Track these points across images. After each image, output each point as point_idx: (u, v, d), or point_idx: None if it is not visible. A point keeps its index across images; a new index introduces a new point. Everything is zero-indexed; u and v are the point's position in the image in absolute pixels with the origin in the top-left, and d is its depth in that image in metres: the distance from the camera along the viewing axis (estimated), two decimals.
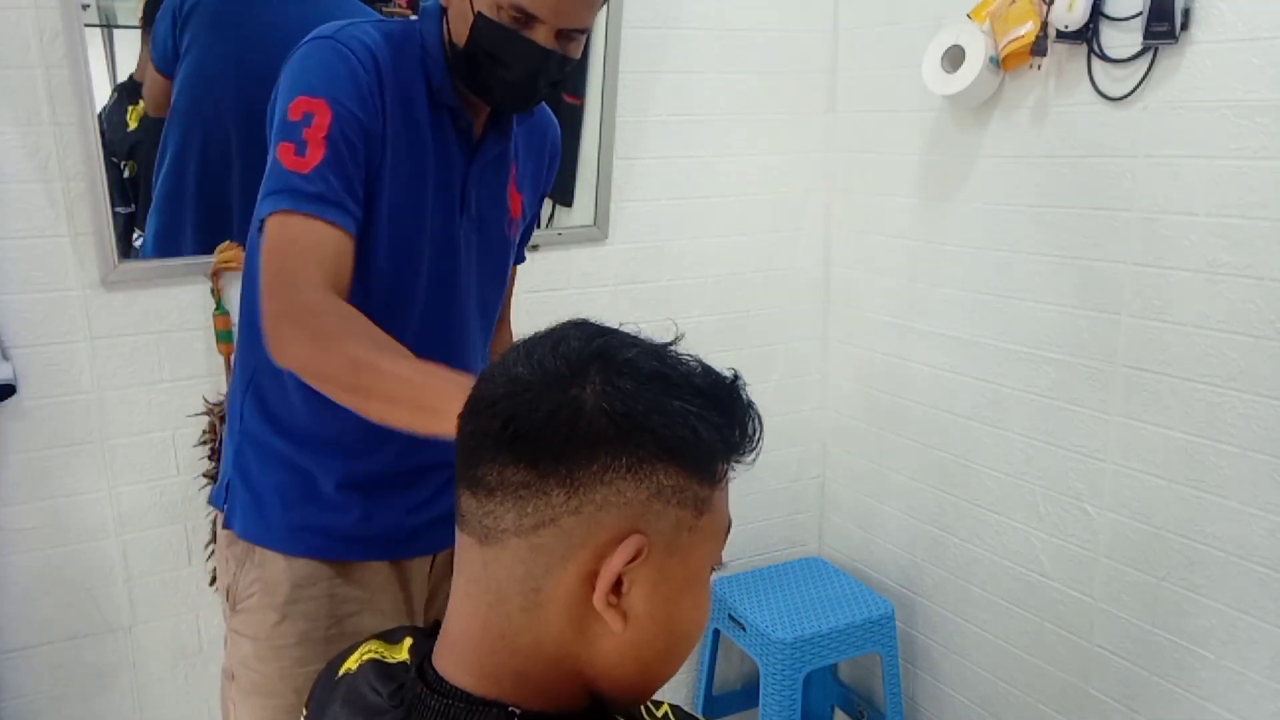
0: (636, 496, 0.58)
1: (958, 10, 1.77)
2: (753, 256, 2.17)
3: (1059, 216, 1.71)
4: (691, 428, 0.59)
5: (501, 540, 0.59)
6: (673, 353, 0.62)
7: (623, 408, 0.58)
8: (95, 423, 1.63)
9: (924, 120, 1.96)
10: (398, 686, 0.65)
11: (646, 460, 0.58)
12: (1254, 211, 1.43)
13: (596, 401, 0.58)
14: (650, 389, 0.59)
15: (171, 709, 1.79)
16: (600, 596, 0.58)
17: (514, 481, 0.58)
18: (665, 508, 0.59)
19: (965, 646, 2.04)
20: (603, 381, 0.58)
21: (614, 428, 0.57)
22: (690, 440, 0.59)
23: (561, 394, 0.58)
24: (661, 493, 0.59)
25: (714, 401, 0.61)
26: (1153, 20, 1.48)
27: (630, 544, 0.57)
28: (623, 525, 0.58)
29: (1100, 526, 1.72)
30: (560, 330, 0.63)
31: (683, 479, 0.59)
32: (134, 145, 1.59)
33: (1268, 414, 1.45)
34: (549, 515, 0.58)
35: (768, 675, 1.99)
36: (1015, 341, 1.82)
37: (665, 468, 0.58)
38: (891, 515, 2.19)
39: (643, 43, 1.93)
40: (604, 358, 0.59)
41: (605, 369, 0.59)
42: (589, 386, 0.58)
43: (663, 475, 0.58)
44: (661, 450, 0.58)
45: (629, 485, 0.58)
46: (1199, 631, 1.58)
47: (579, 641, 0.60)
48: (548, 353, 0.60)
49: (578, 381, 0.58)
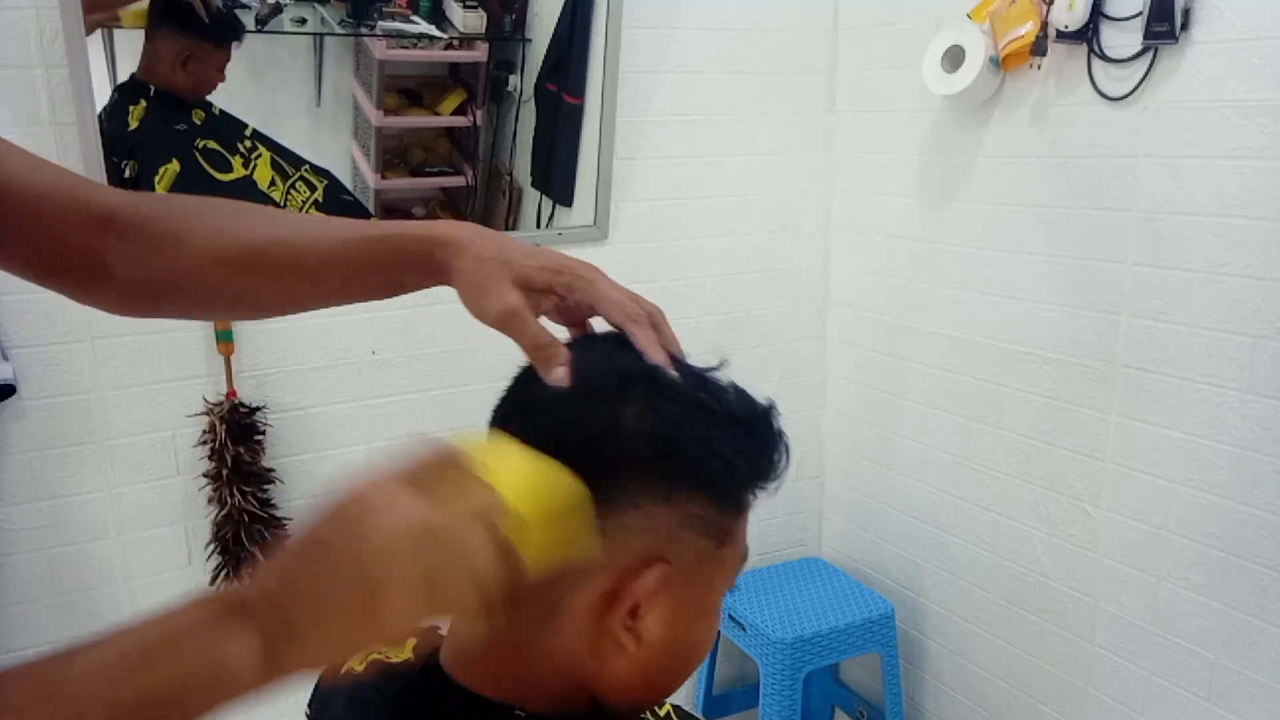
0: (665, 523, 0.58)
1: (958, 10, 1.77)
2: (752, 256, 2.17)
3: (1059, 216, 1.71)
4: (726, 460, 0.59)
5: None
6: (714, 379, 0.62)
7: (663, 434, 0.57)
8: (95, 423, 1.63)
9: (924, 120, 1.96)
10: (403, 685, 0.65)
11: (679, 488, 0.58)
12: (1254, 211, 1.43)
13: (637, 424, 0.57)
14: (691, 416, 0.58)
15: None
16: (618, 619, 0.58)
17: None
18: (691, 536, 0.59)
19: (965, 646, 2.04)
20: (645, 404, 0.58)
21: (652, 453, 0.57)
22: (723, 473, 0.59)
23: (605, 412, 0.58)
24: (689, 522, 0.59)
25: (747, 430, 0.61)
26: (1153, 20, 1.48)
27: (655, 572, 0.57)
28: (648, 549, 0.58)
29: (1100, 526, 1.72)
30: (607, 341, 0.63)
31: (711, 509, 0.59)
32: (135, 145, 1.59)
33: (1268, 414, 1.45)
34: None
35: (768, 675, 1.99)
36: (1015, 341, 1.82)
37: (696, 497, 0.58)
38: (891, 515, 2.19)
39: (643, 43, 1.93)
40: (650, 379, 0.59)
41: (649, 390, 0.58)
42: (631, 406, 0.58)
43: (694, 505, 0.58)
44: (695, 480, 0.58)
45: (660, 511, 0.58)
46: (1199, 631, 1.58)
47: (590, 655, 0.60)
48: (595, 365, 0.60)
49: (621, 400, 0.58)
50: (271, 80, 1.70)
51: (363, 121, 1.78)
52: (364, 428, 1.84)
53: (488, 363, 1.92)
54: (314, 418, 1.80)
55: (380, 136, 1.79)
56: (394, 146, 1.83)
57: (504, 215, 1.93)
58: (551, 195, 1.94)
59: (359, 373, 1.82)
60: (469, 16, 1.78)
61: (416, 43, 1.76)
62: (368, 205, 1.81)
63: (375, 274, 0.69)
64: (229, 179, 1.66)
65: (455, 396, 1.90)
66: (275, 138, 1.70)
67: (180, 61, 1.61)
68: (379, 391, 1.85)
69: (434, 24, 1.75)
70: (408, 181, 1.85)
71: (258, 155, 1.69)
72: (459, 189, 1.91)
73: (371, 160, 1.80)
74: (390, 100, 1.79)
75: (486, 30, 1.81)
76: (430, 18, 1.75)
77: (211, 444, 1.68)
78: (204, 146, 1.65)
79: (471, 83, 1.86)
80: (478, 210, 1.93)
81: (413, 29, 1.74)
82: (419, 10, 1.74)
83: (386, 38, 1.73)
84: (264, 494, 1.73)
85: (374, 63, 1.74)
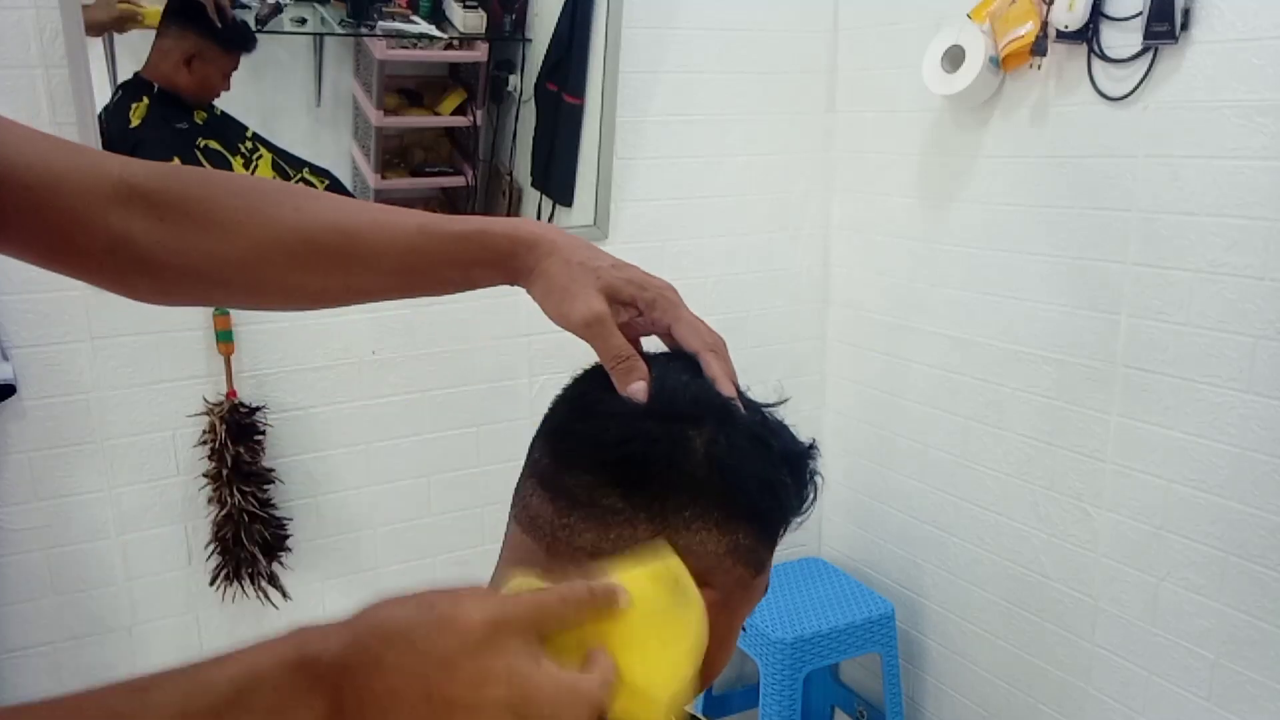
0: (716, 550, 0.59)
1: (958, 10, 1.77)
2: (752, 256, 2.17)
3: (1059, 216, 1.71)
4: (776, 496, 0.61)
5: (573, 556, 0.59)
6: (772, 414, 0.64)
7: (730, 464, 0.59)
8: (95, 423, 1.63)
9: (924, 120, 1.96)
10: None
11: (734, 518, 0.59)
12: (1254, 211, 1.43)
13: (709, 450, 0.58)
14: (756, 451, 0.60)
15: None
16: None
17: (604, 504, 0.58)
18: (734, 565, 0.60)
19: (965, 646, 2.04)
20: (718, 433, 0.59)
21: (717, 481, 0.58)
22: (774, 510, 0.61)
23: (678, 434, 0.59)
24: (736, 550, 0.60)
25: (793, 469, 0.63)
26: (1153, 20, 1.48)
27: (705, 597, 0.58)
28: (695, 573, 0.58)
29: (1100, 526, 1.72)
30: (684, 363, 0.63)
31: (755, 541, 0.61)
32: (136, 144, 1.59)
33: (1268, 414, 1.45)
34: (630, 546, 0.58)
35: (768, 675, 1.99)
36: (1015, 341, 1.82)
37: (745, 528, 0.60)
38: (891, 515, 2.19)
39: (643, 43, 1.93)
40: (724, 410, 0.60)
41: (722, 421, 0.60)
42: (704, 435, 0.59)
43: (742, 535, 0.60)
44: (749, 513, 0.60)
45: (713, 538, 0.59)
46: (1199, 631, 1.58)
47: None
48: (675, 387, 0.61)
49: (695, 426, 0.59)
50: (271, 80, 1.70)
51: (363, 121, 1.78)
52: (364, 428, 1.84)
53: (488, 363, 1.92)
54: (314, 418, 1.80)
55: (380, 136, 1.79)
56: (394, 146, 1.83)
57: (504, 215, 1.93)
58: (551, 195, 1.94)
59: (359, 373, 1.82)
60: (469, 16, 1.78)
61: (416, 43, 1.76)
62: None
63: (453, 269, 0.65)
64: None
65: (455, 396, 1.90)
66: (275, 137, 1.70)
67: (185, 61, 1.61)
68: (379, 391, 1.85)
69: (434, 24, 1.75)
70: (408, 181, 1.85)
71: (258, 156, 1.69)
72: (459, 189, 1.91)
73: (371, 160, 1.80)
74: (390, 100, 1.79)
75: (486, 30, 1.81)
76: (430, 18, 1.75)
77: (211, 444, 1.68)
78: (205, 146, 1.65)
79: (471, 83, 1.86)
80: (478, 210, 1.93)
81: (413, 29, 1.74)
82: (419, 10, 1.74)
83: (386, 38, 1.73)
84: (264, 494, 1.73)
85: (374, 63, 1.75)
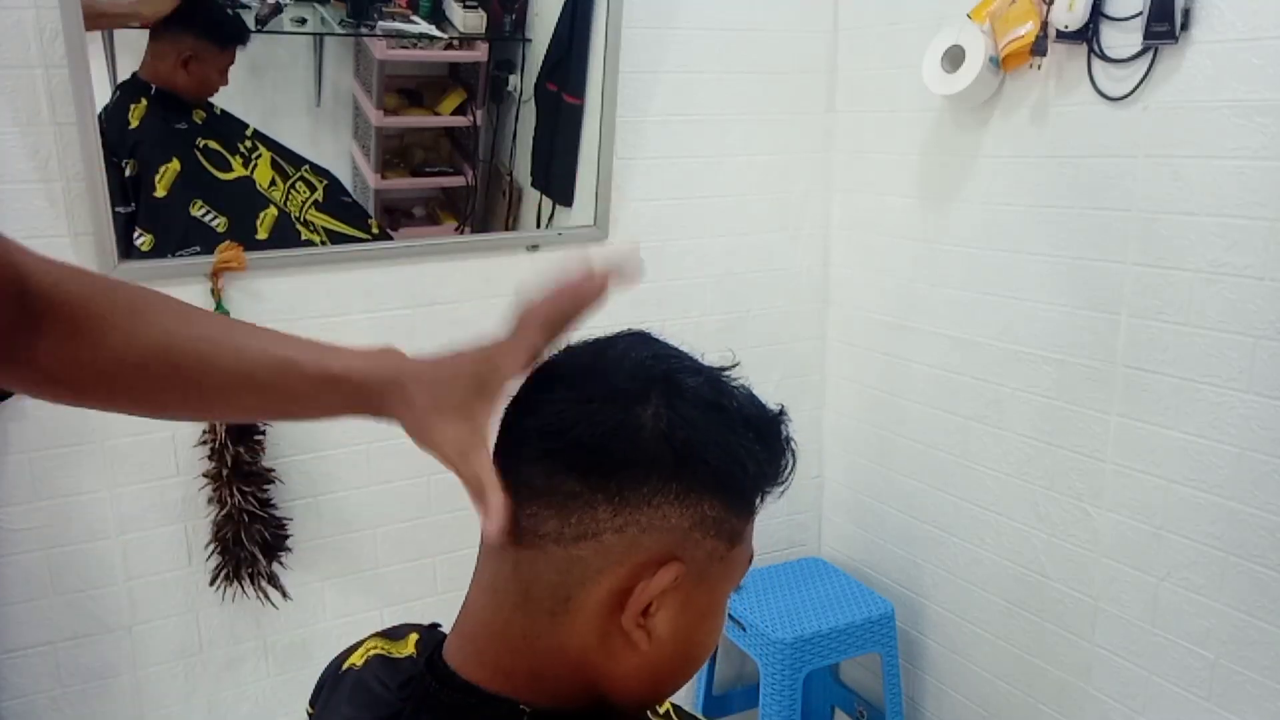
0: (680, 524, 0.59)
1: (958, 10, 1.77)
2: (752, 256, 2.17)
3: (1059, 216, 1.71)
4: (742, 464, 0.60)
5: (539, 544, 0.59)
6: (728, 381, 0.63)
7: (682, 435, 0.58)
8: (95, 423, 1.63)
9: (924, 120, 1.96)
10: (406, 679, 0.65)
11: (695, 490, 0.59)
12: (1254, 211, 1.43)
13: (656, 424, 0.58)
14: (708, 419, 0.59)
15: (171, 709, 1.79)
16: (631, 616, 0.59)
17: (562, 490, 0.58)
18: (703, 538, 0.60)
19: (965, 646, 2.04)
20: (664, 405, 0.58)
21: (671, 454, 0.58)
22: (739, 476, 0.60)
23: (624, 411, 0.58)
24: (703, 523, 0.59)
25: (759, 434, 0.61)
26: (1153, 20, 1.48)
27: (670, 571, 0.58)
28: (662, 549, 0.58)
29: (1100, 526, 1.72)
30: (624, 341, 0.63)
31: (724, 511, 0.60)
32: (135, 144, 1.59)
33: (1268, 414, 1.45)
34: (592, 529, 0.58)
35: (768, 675, 1.99)
36: (1015, 341, 1.82)
37: (711, 499, 0.59)
38: (891, 515, 2.19)
39: (643, 43, 1.93)
40: (668, 381, 0.59)
41: (668, 392, 0.59)
42: (650, 408, 0.58)
43: (707, 506, 0.59)
44: (712, 482, 0.59)
45: (675, 511, 0.58)
46: (1199, 631, 1.58)
47: (600, 652, 0.60)
48: (613, 365, 0.60)
49: (640, 401, 0.58)
50: (271, 80, 1.70)
51: (363, 121, 1.78)
52: (364, 428, 1.84)
53: None
54: None
55: (380, 136, 1.79)
56: (394, 146, 1.83)
57: (504, 215, 1.93)
58: (551, 195, 1.94)
59: None
60: (469, 16, 1.78)
61: (416, 43, 1.76)
62: (367, 205, 1.81)
63: (310, 408, 0.67)
64: (229, 178, 1.66)
65: None
66: (275, 137, 1.70)
67: (182, 62, 1.61)
68: None
69: (434, 24, 1.75)
70: (408, 181, 1.85)
71: (258, 155, 1.69)
72: (459, 189, 1.91)
73: (371, 160, 1.80)
74: (390, 100, 1.79)
75: (486, 30, 1.81)
76: (430, 18, 1.75)
77: (211, 444, 1.68)
78: (204, 146, 1.65)
79: (471, 83, 1.86)
80: (477, 210, 1.93)
81: (413, 29, 1.74)
82: (419, 10, 1.74)
83: (386, 38, 1.73)
84: (264, 494, 1.73)
85: (374, 63, 1.75)
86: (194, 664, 1.79)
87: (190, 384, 0.65)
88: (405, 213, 1.88)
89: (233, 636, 1.81)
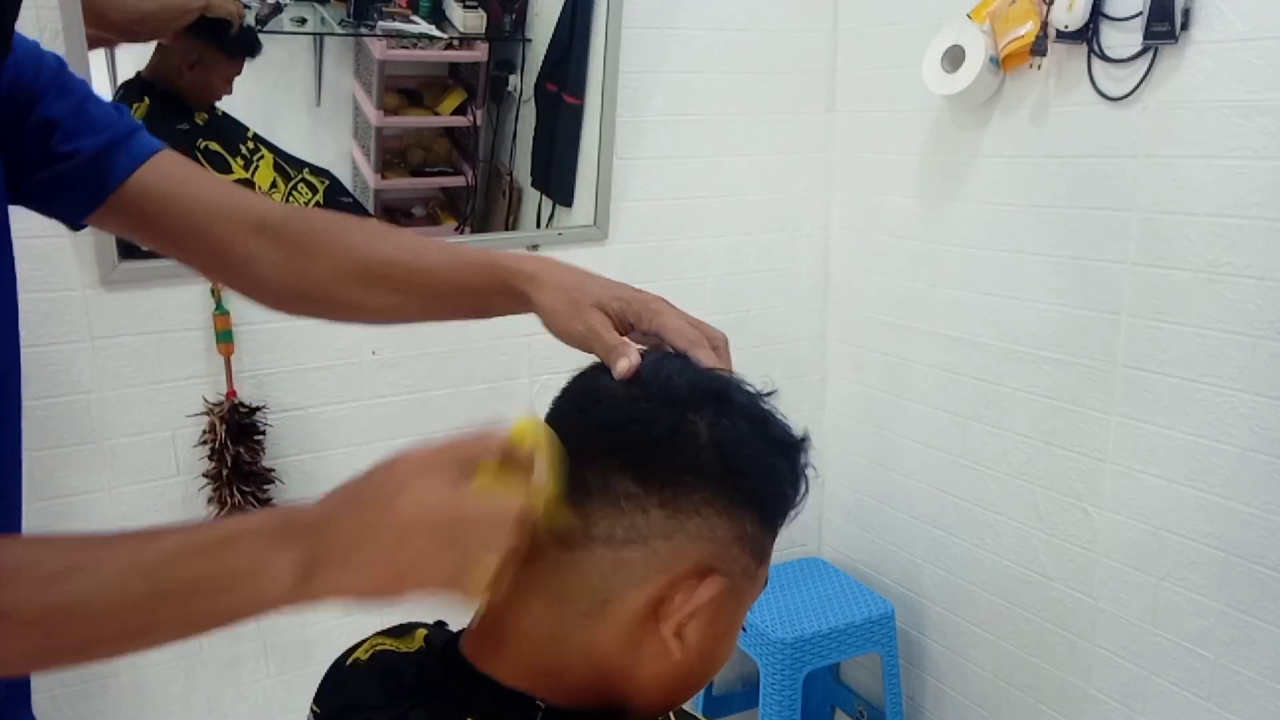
0: (725, 536, 0.59)
1: (958, 10, 1.77)
2: (753, 256, 2.17)
3: (1059, 216, 1.71)
4: (780, 484, 0.62)
5: (586, 545, 0.59)
6: (768, 403, 0.64)
7: (733, 449, 0.59)
8: (95, 423, 1.63)
9: (924, 120, 1.96)
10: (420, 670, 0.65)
11: (740, 505, 0.60)
12: (1254, 211, 1.43)
13: (711, 434, 0.59)
14: (754, 437, 0.61)
15: (171, 709, 1.79)
16: (671, 625, 0.59)
17: (619, 490, 0.58)
18: (740, 553, 0.61)
19: (965, 646, 2.04)
20: (717, 416, 0.59)
21: (722, 466, 0.59)
22: (777, 496, 0.62)
23: (680, 417, 0.59)
24: (743, 538, 0.60)
25: (789, 458, 0.63)
26: (1153, 20, 1.48)
27: (714, 584, 0.59)
28: (704, 560, 0.59)
29: (1100, 526, 1.72)
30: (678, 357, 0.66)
31: (759, 529, 0.61)
32: None
33: (1268, 414, 1.45)
34: (642, 534, 0.58)
35: (768, 675, 1.99)
36: (1015, 341, 1.82)
37: (752, 516, 0.60)
38: (891, 515, 2.19)
39: (643, 43, 1.93)
40: (720, 395, 0.61)
41: (720, 405, 0.60)
42: (705, 418, 0.59)
43: (748, 522, 0.60)
44: (754, 499, 0.60)
45: (722, 524, 0.59)
46: (1199, 631, 1.58)
47: (628, 656, 0.61)
48: (675, 372, 0.62)
49: (695, 409, 0.59)
50: (271, 80, 1.70)
51: (363, 121, 1.78)
52: (364, 428, 1.84)
53: (488, 363, 1.92)
54: (314, 418, 1.80)
55: (380, 136, 1.79)
56: (394, 146, 1.83)
57: (504, 215, 1.93)
58: (551, 195, 1.94)
59: (359, 373, 1.82)
60: (469, 16, 1.78)
61: (416, 43, 1.76)
62: (367, 205, 1.81)
63: (473, 297, 0.80)
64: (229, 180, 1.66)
65: (455, 396, 1.90)
66: (275, 137, 1.70)
67: (189, 65, 1.61)
68: (379, 391, 1.85)
69: (434, 24, 1.75)
70: (408, 181, 1.85)
71: (259, 157, 1.69)
72: (459, 189, 1.91)
73: (371, 160, 1.80)
74: (390, 100, 1.79)
75: (486, 30, 1.81)
76: (430, 18, 1.75)
77: (211, 444, 1.68)
78: (205, 147, 1.65)
79: (471, 83, 1.86)
80: (477, 210, 1.93)
81: (413, 29, 1.74)
82: (419, 10, 1.74)
83: (386, 38, 1.73)
84: (264, 494, 1.73)
85: (374, 63, 1.75)
86: (194, 664, 1.79)
87: (397, 286, 0.82)
88: (405, 213, 1.88)
89: (233, 636, 1.81)
